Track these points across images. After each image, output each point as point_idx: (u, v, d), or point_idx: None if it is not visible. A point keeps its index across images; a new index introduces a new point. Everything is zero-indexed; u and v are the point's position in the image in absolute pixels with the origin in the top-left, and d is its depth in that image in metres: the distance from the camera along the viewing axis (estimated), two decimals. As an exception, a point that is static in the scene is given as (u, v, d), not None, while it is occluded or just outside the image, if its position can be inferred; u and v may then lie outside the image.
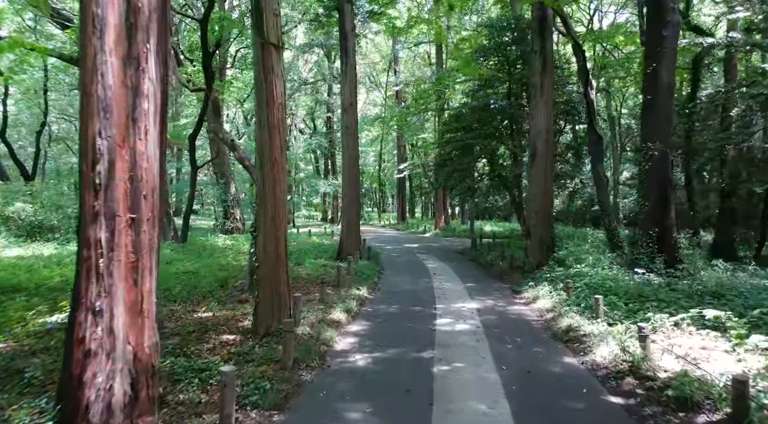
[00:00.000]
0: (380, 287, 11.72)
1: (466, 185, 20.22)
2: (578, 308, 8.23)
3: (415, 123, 33.12)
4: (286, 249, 6.85)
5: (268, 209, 6.55)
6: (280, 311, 6.66)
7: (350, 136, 14.75)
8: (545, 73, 12.62)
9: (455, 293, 10.93)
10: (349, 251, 14.66)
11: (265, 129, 6.52)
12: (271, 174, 6.52)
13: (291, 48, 41.58)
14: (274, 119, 6.51)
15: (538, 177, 12.87)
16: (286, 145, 6.76)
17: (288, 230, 24.11)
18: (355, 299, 9.49)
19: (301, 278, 11.75)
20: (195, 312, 8.11)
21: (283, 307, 6.70)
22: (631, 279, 9.43)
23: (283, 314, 6.68)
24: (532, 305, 9.62)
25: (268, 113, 6.49)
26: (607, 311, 7.38)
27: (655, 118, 10.87)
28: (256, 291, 6.70)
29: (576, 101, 17.38)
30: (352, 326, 7.93)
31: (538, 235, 12.91)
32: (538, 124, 12.77)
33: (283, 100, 6.70)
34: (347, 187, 14.99)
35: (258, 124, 6.62)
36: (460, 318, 8.46)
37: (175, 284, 9.86)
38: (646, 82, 11.16)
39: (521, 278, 12.17)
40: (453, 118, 19.78)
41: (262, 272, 6.62)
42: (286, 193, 6.82)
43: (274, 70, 6.50)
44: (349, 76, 14.45)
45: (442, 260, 17.16)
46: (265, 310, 6.60)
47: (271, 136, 6.51)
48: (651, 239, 10.79)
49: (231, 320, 7.54)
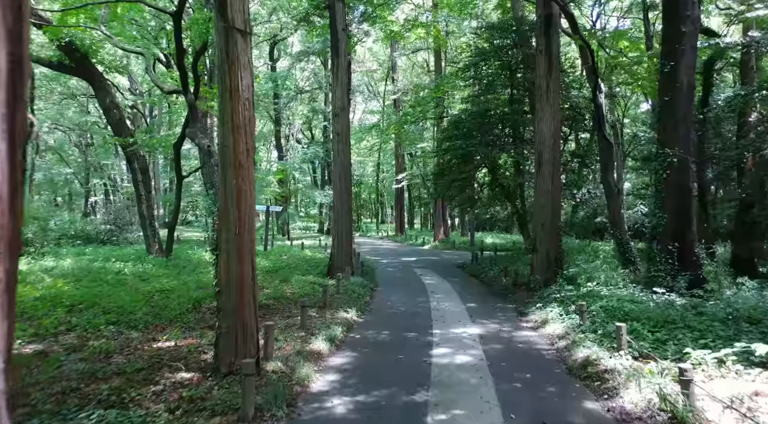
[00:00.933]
0: (372, 307, 10.64)
1: (466, 196, 19.25)
2: (595, 336, 7.16)
3: (413, 132, 32.25)
4: (254, 270, 5.80)
5: (231, 223, 5.52)
6: (246, 344, 5.60)
7: (342, 143, 13.75)
8: (551, 74, 11.67)
9: (454, 314, 9.85)
10: (340, 266, 13.59)
11: (228, 128, 5.52)
12: (236, 181, 5.50)
13: (286, 56, 40.99)
14: (239, 117, 5.51)
15: (544, 186, 11.87)
16: (254, 147, 5.75)
17: (280, 242, 22.80)
18: (342, 324, 8.41)
19: (285, 297, 10.68)
20: (155, 341, 7.04)
21: (249, 339, 5.64)
22: (651, 300, 8.40)
23: (249, 348, 5.62)
24: (541, 330, 8.54)
25: (232, 110, 5.49)
26: (631, 340, 6.31)
27: (674, 122, 9.89)
28: (217, 321, 5.65)
29: (582, 107, 16.44)
30: (335, 358, 6.85)
31: (545, 249, 11.86)
32: (544, 130, 11.79)
33: (251, 96, 5.70)
34: (338, 197, 13.97)
35: (220, 123, 5.62)
36: (460, 348, 7.38)
37: (140, 307, 8.79)
38: (662, 83, 10.20)
39: (527, 297, 11.11)
40: (452, 126, 18.86)
41: (224, 299, 5.57)
42: (254, 204, 5.79)
43: (240, 60, 5.51)
44: (341, 78, 13.50)
45: (440, 275, 16.09)
46: (227, 343, 5.54)
47: (235, 136, 5.50)
48: (670, 255, 9.77)
49: (193, 352, 6.47)
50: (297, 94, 39.57)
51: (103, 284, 11.30)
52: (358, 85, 41.34)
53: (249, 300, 5.66)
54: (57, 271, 13.09)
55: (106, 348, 6.35)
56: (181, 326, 7.93)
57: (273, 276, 13.94)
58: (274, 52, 40.00)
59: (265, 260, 17.19)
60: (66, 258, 16.02)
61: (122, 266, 14.39)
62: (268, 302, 10.14)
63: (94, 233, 24.17)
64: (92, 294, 9.81)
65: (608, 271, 10.82)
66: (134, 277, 12.77)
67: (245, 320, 5.61)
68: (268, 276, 13.95)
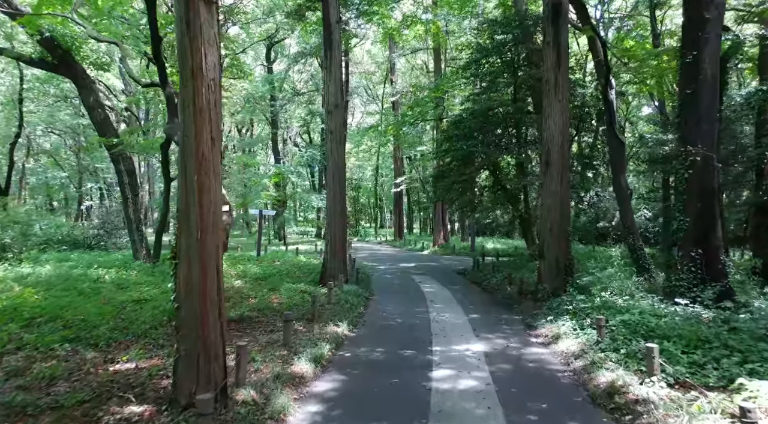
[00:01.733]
0: (366, 319, 9.73)
1: (466, 199, 18.37)
2: (618, 356, 6.27)
3: (411, 134, 31.46)
4: (220, 280, 4.91)
5: (192, 226, 4.64)
6: (211, 369, 4.70)
7: (335, 142, 12.87)
8: (560, 67, 10.83)
9: (456, 327, 8.95)
10: (333, 273, 12.70)
11: (189, 114, 4.64)
12: (197, 176, 4.62)
13: (283, 58, 40.24)
14: (202, 101, 4.63)
15: (552, 187, 10.99)
16: (221, 137, 4.88)
17: (276, 247, 21.71)
18: (331, 340, 7.51)
19: (271, 309, 9.77)
20: (113, 362, 6.13)
21: (214, 363, 4.74)
22: (675, 313, 7.52)
23: (214, 373, 4.73)
24: (553, 346, 7.64)
25: (194, 92, 4.62)
26: (664, 363, 5.42)
27: (696, 117, 9.03)
28: (176, 342, 4.74)
29: (590, 105, 15.60)
30: (320, 382, 5.95)
31: (553, 256, 10.96)
32: (552, 126, 10.93)
33: (217, 76, 4.84)
34: (332, 200, 13.08)
35: (180, 108, 4.75)
36: (464, 368, 6.48)
37: (106, 320, 7.89)
38: (684, 75, 9.36)
39: (534, 308, 10.21)
40: (452, 126, 18.00)
41: (184, 315, 4.67)
42: (220, 203, 4.91)
43: (203, 34, 4.65)
44: (334, 73, 12.62)
45: (440, 282, 15.19)
46: (187, 369, 4.64)
47: (197, 123, 4.63)
48: (693, 263, 8.88)
49: (154, 377, 5.56)
50: (294, 97, 38.79)
51: (75, 294, 10.41)
52: (356, 87, 40.60)
53: (214, 316, 4.77)
54: (31, 279, 12.19)
55: (52, 373, 5.44)
56: (148, 343, 7.03)
57: (262, 284, 13.05)
58: (271, 54, 39.30)
59: (257, 266, 16.31)
60: (46, 264, 15.13)
61: (104, 272, 13.49)
62: (251, 313, 9.24)
63: (81, 238, 23.29)
64: (58, 305, 8.91)
65: (623, 279, 9.91)
66: (112, 285, 11.88)
67: (209, 341, 4.71)
68: (256, 284, 13.06)
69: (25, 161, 37.48)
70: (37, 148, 39.56)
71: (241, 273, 14.80)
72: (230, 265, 16.29)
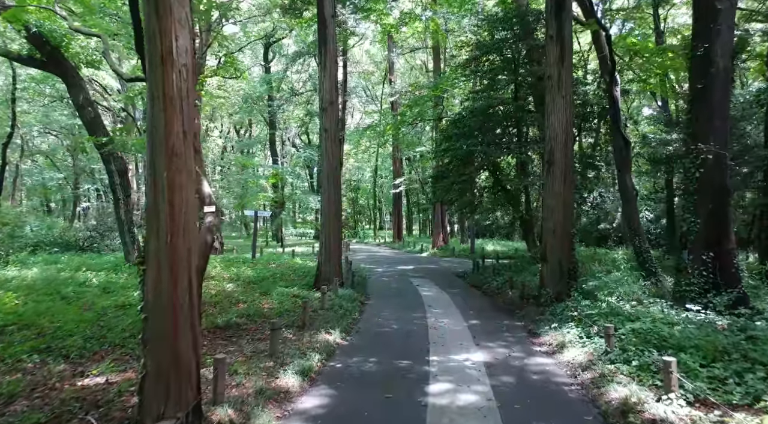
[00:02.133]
0: (360, 326, 9.25)
1: (466, 200, 17.90)
2: (629, 369, 5.80)
3: (410, 134, 31.02)
4: (193, 288, 4.44)
5: (162, 228, 4.17)
6: (181, 387, 4.23)
7: (330, 140, 12.41)
8: (563, 62, 10.38)
9: (455, 335, 8.48)
10: (328, 276, 12.25)
11: (158, 104, 4.18)
12: (168, 173, 4.16)
13: (281, 58, 39.78)
14: (172, 89, 4.17)
15: (555, 188, 10.53)
16: (195, 130, 4.42)
17: (272, 249, 21.12)
18: (321, 350, 7.04)
19: (261, 315, 9.31)
20: (83, 375, 5.66)
21: (185, 380, 4.27)
22: (688, 321, 7.06)
23: (185, 392, 4.26)
24: (558, 356, 7.17)
25: (164, 79, 4.16)
26: (682, 378, 4.96)
27: (708, 113, 8.59)
28: (142, 357, 4.27)
29: (592, 103, 15.15)
30: (307, 398, 5.47)
31: (556, 259, 10.51)
32: (555, 124, 10.48)
33: (191, 62, 4.38)
34: (326, 200, 12.62)
35: (149, 98, 4.29)
36: (463, 381, 6.01)
37: (83, 328, 7.43)
38: (694, 69, 8.92)
39: (537, 313, 9.75)
40: (452, 125, 17.55)
41: (152, 327, 4.20)
42: (194, 203, 4.45)
43: (174, 13, 4.20)
44: (329, 68, 12.17)
45: (439, 285, 14.72)
46: (155, 388, 4.17)
47: (167, 114, 4.17)
48: (704, 266, 8.44)
49: (124, 393, 5.10)
50: (292, 97, 38.34)
51: (57, 299, 9.94)
52: (354, 87, 40.17)
53: (185, 328, 4.30)
54: (15, 282, 11.72)
55: (12, 389, 4.98)
56: (125, 354, 6.56)
57: (254, 288, 12.60)
58: (269, 54, 38.89)
59: (251, 269, 15.87)
60: (33, 267, 14.69)
61: (92, 275, 13.04)
62: (239, 320, 8.78)
63: (73, 239, 22.82)
64: (36, 311, 8.45)
65: (631, 284, 9.46)
66: (99, 289, 11.42)
67: (180, 355, 4.24)
68: (248, 288, 12.61)
69: (20, 162, 36.95)
70: (32, 148, 39.05)
71: (234, 276, 14.36)
72: (223, 268, 15.85)
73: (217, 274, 14.59)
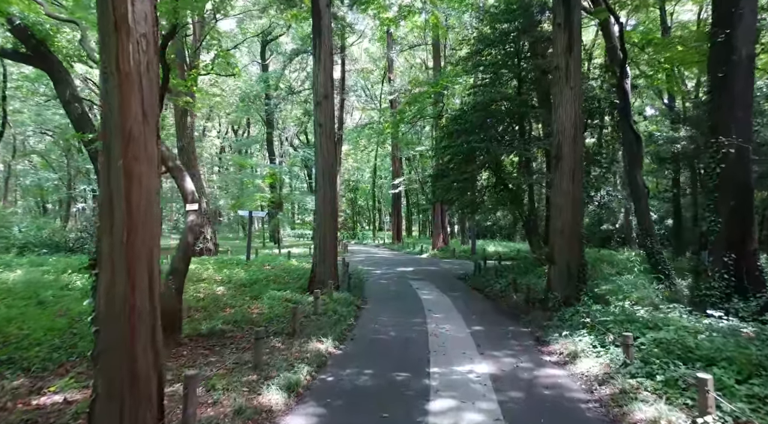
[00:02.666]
0: (355, 332, 8.63)
1: (467, 199, 17.28)
2: (653, 384, 5.19)
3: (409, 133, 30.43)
4: (153, 293, 3.82)
5: (117, 224, 3.56)
6: (139, 412, 3.62)
7: (325, 136, 11.80)
8: (571, 51, 9.78)
9: (458, 343, 7.86)
10: (323, 279, 11.63)
11: (112, 80, 3.57)
12: (124, 160, 3.55)
13: (279, 55, 39.19)
14: (127, 63, 3.56)
15: (563, 186, 9.91)
16: (156, 112, 3.81)
17: (269, 250, 20.32)
18: (311, 361, 6.41)
19: (249, 321, 8.69)
20: (40, 393, 5.04)
21: (144, 403, 3.66)
22: (710, 328, 6.45)
23: (143, 417, 3.64)
24: (570, 367, 6.55)
25: (118, 51, 3.55)
26: (720, 398, 4.34)
27: (729, 104, 8.00)
28: (93, 377, 3.65)
29: (600, 98, 14.55)
30: (291, 418, 4.85)
31: (564, 261, 9.88)
32: (563, 117, 9.87)
33: (152, 33, 3.77)
34: (321, 199, 12.00)
35: (101, 74, 3.68)
36: (467, 397, 5.39)
37: (52, 337, 6.81)
38: (714, 57, 8.33)
39: (544, 318, 9.13)
40: (452, 121, 16.94)
41: (105, 340, 3.59)
42: (153, 196, 3.83)
43: (131, -25, 3.60)
44: (323, 61, 11.56)
45: (440, 288, 14.10)
46: (107, 411, 3.56)
47: (123, 92, 3.55)
48: (726, 269, 7.84)
49: (81, 415, 4.47)
50: (289, 95, 37.75)
51: (33, 303, 9.33)
52: (353, 86, 39.59)
53: (144, 340, 3.69)
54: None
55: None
56: (91, 367, 5.93)
57: (245, 291, 11.99)
58: (266, 52, 38.36)
59: (244, 271, 15.25)
60: (17, 269, 14.07)
61: (77, 278, 12.43)
62: (225, 327, 8.17)
63: (63, 241, 22.20)
64: (6, 317, 7.85)
65: (648, 287, 8.84)
66: (80, 292, 10.80)
67: (138, 372, 3.63)
68: (239, 291, 12.00)
69: (12, 162, 36.32)
70: (27, 149, 38.43)
71: (226, 278, 13.76)
72: (216, 269, 15.25)
73: (209, 276, 14.00)
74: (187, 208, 7.67)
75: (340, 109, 32.91)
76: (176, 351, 6.73)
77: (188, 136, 22.99)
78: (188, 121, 22.92)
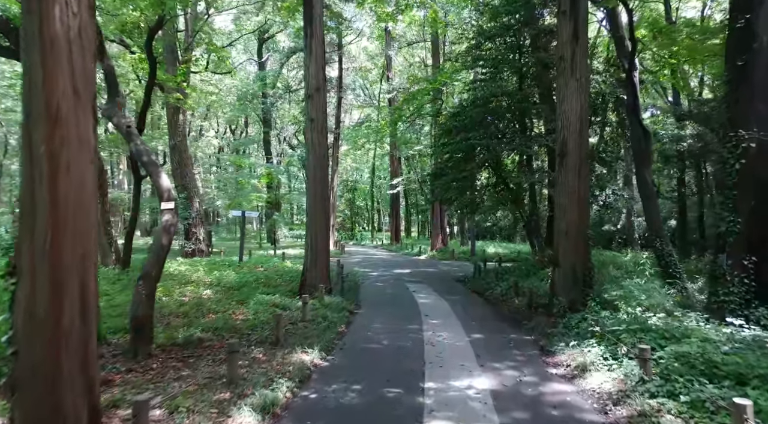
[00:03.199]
0: (345, 341, 8.00)
1: (466, 199, 16.67)
2: (677, 405, 4.57)
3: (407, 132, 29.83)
4: (86, 307, 3.21)
5: (39, 225, 2.95)
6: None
7: (316, 131, 11.18)
8: (577, 40, 9.17)
9: (456, 353, 7.25)
10: (314, 282, 11.02)
11: (33, 48, 2.96)
12: (46, 146, 2.94)
13: (275, 53, 38.60)
14: (53, 27, 2.95)
15: (569, 184, 9.30)
16: (91, 90, 3.19)
17: (264, 251, 19.53)
18: (293, 375, 5.79)
19: (232, 328, 8.07)
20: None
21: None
22: (733, 338, 5.84)
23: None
24: (579, 381, 5.93)
25: (41, 12, 2.94)
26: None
27: (749, 94, 7.40)
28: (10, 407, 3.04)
29: (605, 93, 13.93)
30: (263, 445, 4.24)
31: (570, 263, 9.28)
32: (568, 111, 9.27)
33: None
34: (312, 198, 11.39)
35: (22, 42, 3.07)
36: (465, 418, 4.77)
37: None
38: (732, 44, 7.73)
39: (548, 325, 8.52)
40: (452, 118, 16.34)
41: (24, 363, 2.98)
42: (90, 191, 3.22)
43: None
44: (315, 51, 10.96)
45: (438, 292, 13.49)
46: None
47: (46, 63, 2.95)
48: (747, 273, 7.23)
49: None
50: (286, 94, 37.15)
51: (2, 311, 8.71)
52: (351, 84, 38.96)
53: (73, 364, 3.07)
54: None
55: None
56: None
57: (232, 295, 11.37)
58: (263, 51, 37.80)
59: (235, 273, 14.67)
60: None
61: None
62: (204, 335, 7.55)
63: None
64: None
65: (661, 292, 8.23)
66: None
67: (62, 403, 3.01)
68: (226, 295, 11.40)
69: (3, 161, 35.68)
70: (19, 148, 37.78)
71: (215, 280, 13.18)
72: (206, 271, 14.68)
73: (198, 278, 13.42)
74: (162, 206, 7.06)
75: (338, 107, 32.31)
76: (145, 364, 6.12)
77: (180, 134, 22.37)
78: (180, 119, 22.30)
